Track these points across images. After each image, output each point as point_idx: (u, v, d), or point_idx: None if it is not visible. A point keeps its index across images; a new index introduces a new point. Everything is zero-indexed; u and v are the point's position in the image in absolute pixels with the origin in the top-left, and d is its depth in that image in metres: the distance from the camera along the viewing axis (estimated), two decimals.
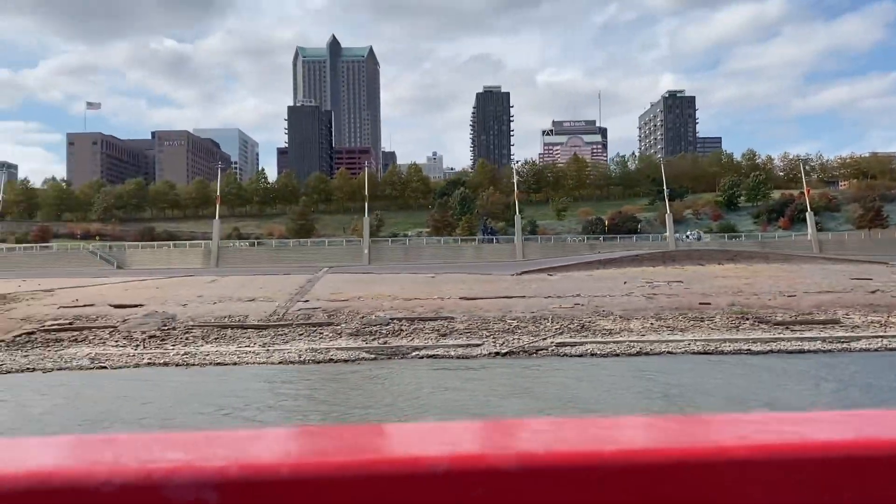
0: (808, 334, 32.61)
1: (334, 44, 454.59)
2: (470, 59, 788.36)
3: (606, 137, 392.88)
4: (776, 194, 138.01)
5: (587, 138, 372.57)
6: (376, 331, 34.91)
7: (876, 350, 29.80)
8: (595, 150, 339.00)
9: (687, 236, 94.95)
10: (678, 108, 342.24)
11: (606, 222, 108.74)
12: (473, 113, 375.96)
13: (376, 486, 0.97)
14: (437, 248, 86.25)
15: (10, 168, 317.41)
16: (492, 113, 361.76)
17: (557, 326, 35.94)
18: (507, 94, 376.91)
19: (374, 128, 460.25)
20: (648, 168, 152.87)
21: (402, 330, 35.09)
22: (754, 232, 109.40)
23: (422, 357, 30.96)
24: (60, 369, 29.46)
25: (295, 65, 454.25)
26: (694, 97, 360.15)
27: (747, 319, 36.93)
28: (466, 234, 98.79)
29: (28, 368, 29.53)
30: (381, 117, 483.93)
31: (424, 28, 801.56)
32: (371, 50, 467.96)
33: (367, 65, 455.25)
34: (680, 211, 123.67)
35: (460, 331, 35.37)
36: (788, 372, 26.69)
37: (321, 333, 34.43)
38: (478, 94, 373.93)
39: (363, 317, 36.81)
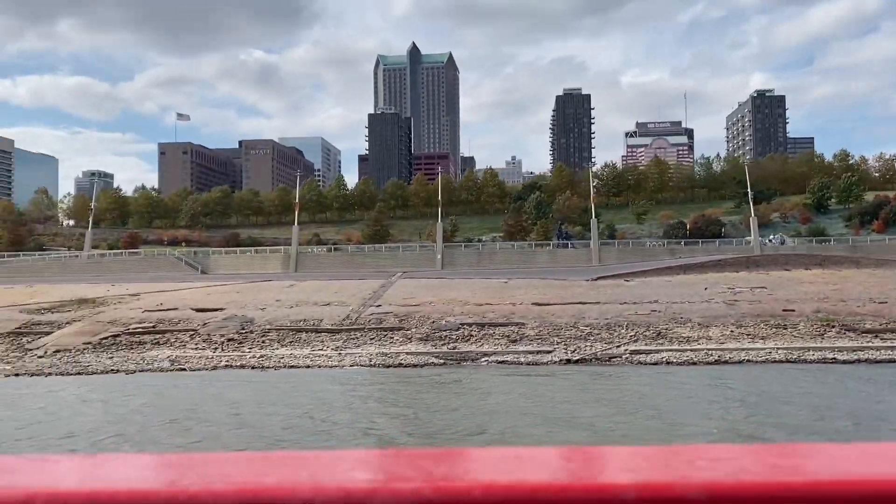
0: None
1: (414, 51, 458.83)
2: (552, 62, 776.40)
3: (693, 139, 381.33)
4: (870, 196, 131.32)
5: (672, 140, 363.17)
6: (446, 336, 35.01)
7: None
8: (681, 152, 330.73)
9: (770, 240, 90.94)
10: (767, 108, 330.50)
11: (688, 226, 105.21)
12: (553, 116, 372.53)
13: None
14: (510, 253, 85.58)
15: (106, 177, 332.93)
16: (572, 115, 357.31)
17: (632, 333, 35.29)
18: (588, 95, 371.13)
19: (453, 133, 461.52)
20: (734, 170, 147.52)
21: (471, 335, 35.12)
22: (845, 236, 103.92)
23: (491, 363, 30.93)
24: (142, 371, 30.66)
25: (376, 73, 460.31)
26: (784, 96, 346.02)
27: (833, 327, 35.44)
28: (541, 239, 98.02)
29: (112, 370, 30.83)
30: (460, 123, 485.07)
31: (506, 32, 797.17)
32: (451, 56, 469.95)
33: (447, 71, 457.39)
34: (767, 214, 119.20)
35: (531, 337, 35.13)
36: (876, 381, 25.54)
37: (392, 338, 34.79)
38: (557, 97, 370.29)
39: (433, 322, 36.98)
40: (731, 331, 35.47)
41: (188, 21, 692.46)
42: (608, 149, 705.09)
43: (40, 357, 32.65)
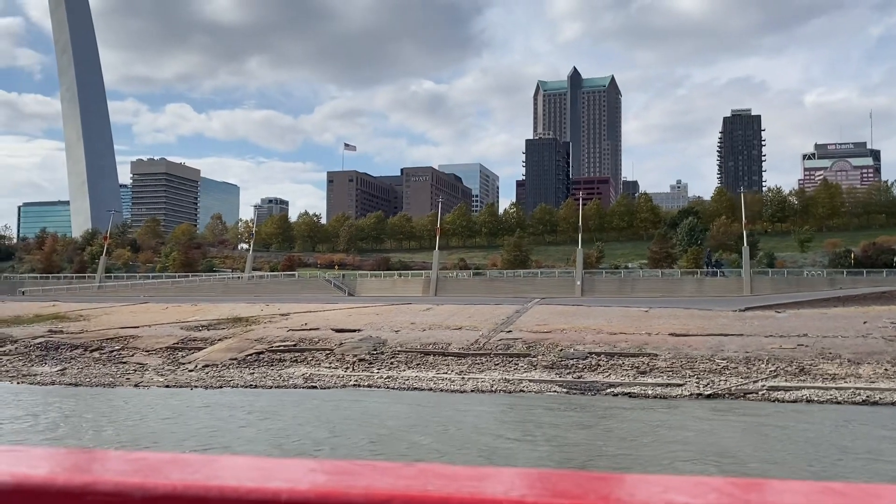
0: None
1: (575, 76, 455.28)
2: (728, 83, 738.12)
3: (880, 160, 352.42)
4: None
5: (855, 162, 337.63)
6: (572, 364, 34.46)
7: None
8: (865, 175, 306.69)
9: None
10: None
11: (854, 255, 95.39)
12: (720, 138, 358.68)
13: None
14: (654, 282, 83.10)
15: (282, 204, 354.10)
16: (741, 137, 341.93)
17: (773, 368, 33.36)
18: (758, 117, 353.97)
19: (615, 157, 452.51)
20: None
21: (599, 365, 34.40)
22: None
23: (616, 394, 30.17)
24: (278, 387, 32.42)
25: (535, 99, 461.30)
26: None
27: None
28: (691, 266, 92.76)
29: (251, 385, 32.77)
30: (621, 146, 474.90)
31: (680, 52, 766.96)
32: (612, 79, 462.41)
33: (609, 94, 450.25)
34: None
35: (661, 368, 33.92)
36: None
37: (517, 364, 34.71)
38: (725, 119, 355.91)
39: (561, 350, 36.54)
40: (886, 369, 32.66)
41: (364, 55, 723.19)
42: (786, 172, 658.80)
43: (190, 371, 35.26)
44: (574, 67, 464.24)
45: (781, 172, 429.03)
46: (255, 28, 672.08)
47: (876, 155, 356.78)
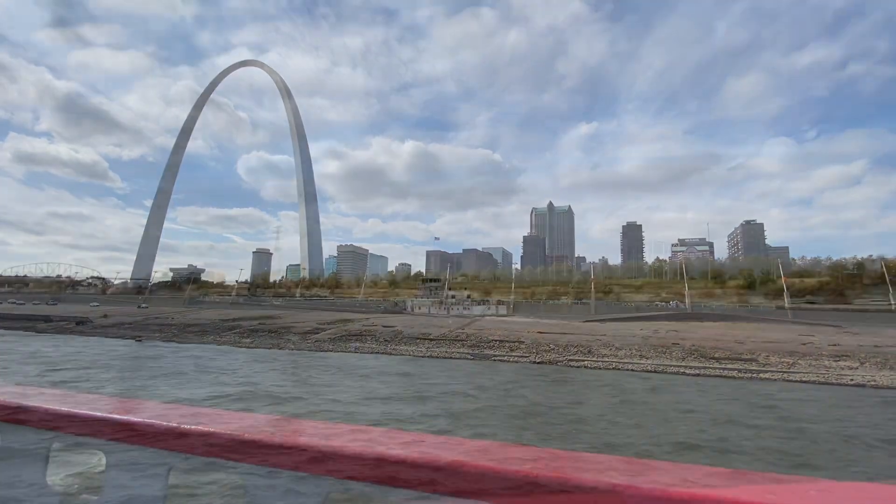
0: (730, 366, 26.31)
1: (550, 205, 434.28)
2: (646, 208, 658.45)
3: (713, 248, 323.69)
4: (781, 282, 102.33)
5: (699, 247, 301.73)
6: (481, 345, 34.54)
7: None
8: (704, 254, 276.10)
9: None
10: None
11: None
12: (621, 235, 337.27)
13: None
14: (550, 305, 74.80)
15: (406, 265, 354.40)
16: (632, 235, 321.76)
17: (574, 349, 32.58)
18: (640, 225, 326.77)
19: (570, 246, 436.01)
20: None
21: (493, 345, 34.31)
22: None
23: (495, 360, 30.19)
24: (345, 352, 33.43)
25: (531, 215, 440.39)
26: None
27: (693, 355, 30.52)
28: (573, 299, 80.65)
29: (332, 350, 33.73)
30: (574, 239, 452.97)
31: (620, 193, 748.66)
32: (569, 207, 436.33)
33: (567, 214, 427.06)
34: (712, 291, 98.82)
35: (522, 348, 33.38)
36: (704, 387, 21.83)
37: (455, 345, 34.86)
38: (622, 226, 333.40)
39: (479, 338, 36.63)
40: (632, 352, 31.67)
41: (462, 196, 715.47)
42: (664, 254, 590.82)
43: (309, 342, 36.56)
44: (550, 201, 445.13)
45: (660, 253, 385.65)
46: (410, 183, 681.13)
47: (711, 245, 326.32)
